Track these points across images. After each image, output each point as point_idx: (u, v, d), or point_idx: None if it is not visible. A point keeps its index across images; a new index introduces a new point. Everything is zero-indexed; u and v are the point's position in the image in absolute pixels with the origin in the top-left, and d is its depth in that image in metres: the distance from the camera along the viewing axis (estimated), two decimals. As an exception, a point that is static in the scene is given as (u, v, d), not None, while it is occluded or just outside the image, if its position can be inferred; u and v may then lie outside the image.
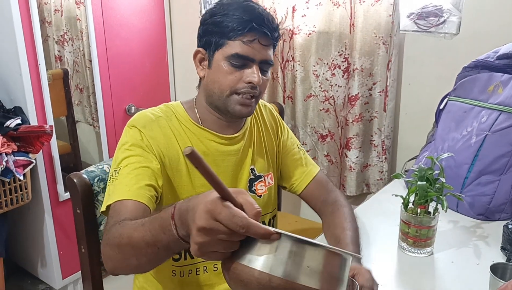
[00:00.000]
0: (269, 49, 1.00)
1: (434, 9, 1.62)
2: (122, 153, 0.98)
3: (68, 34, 2.26)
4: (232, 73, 0.98)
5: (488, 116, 1.27)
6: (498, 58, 1.32)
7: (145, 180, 0.93)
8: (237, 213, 0.57)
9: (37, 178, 1.94)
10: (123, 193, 0.91)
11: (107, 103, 2.17)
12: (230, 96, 0.99)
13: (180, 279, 1.08)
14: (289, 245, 0.57)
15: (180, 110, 1.07)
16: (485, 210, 1.25)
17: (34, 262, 2.19)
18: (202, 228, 0.57)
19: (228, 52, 0.97)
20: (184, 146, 1.02)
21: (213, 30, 0.98)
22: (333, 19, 1.76)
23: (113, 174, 0.96)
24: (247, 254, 0.58)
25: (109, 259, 0.82)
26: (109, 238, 0.81)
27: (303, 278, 0.56)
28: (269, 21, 0.98)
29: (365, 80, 1.75)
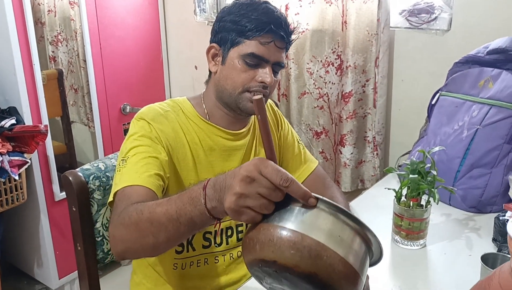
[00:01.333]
0: (283, 51, 1.03)
1: (426, 6, 1.64)
2: (130, 143, 0.98)
3: (62, 34, 2.27)
4: (246, 71, 1.00)
5: (479, 111, 1.29)
6: (488, 53, 1.33)
7: (154, 169, 0.93)
8: (282, 169, 0.59)
9: (32, 178, 1.95)
10: (133, 179, 0.90)
11: (102, 103, 2.17)
12: (242, 94, 1.01)
13: (181, 271, 1.10)
14: (324, 211, 0.58)
15: (187, 106, 1.08)
16: (477, 202, 1.26)
17: (30, 263, 2.19)
18: (247, 176, 0.59)
19: (244, 50, 0.99)
20: (191, 140, 1.04)
21: (231, 28, 1.00)
22: (326, 17, 1.78)
23: (121, 163, 0.95)
24: (280, 217, 0.59)
25: (121, 240, 0.80)
26: (124, 217, 0.80)
27: (334, 245, 0.56)
28: (286, 25, 1.01)
29: (358, 77, 1.77)
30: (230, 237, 1.13)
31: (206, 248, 1.10)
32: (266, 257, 0.57)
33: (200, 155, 1.05)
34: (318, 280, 0.55)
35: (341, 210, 0.59)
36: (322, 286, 0.56)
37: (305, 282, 0.56)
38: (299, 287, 0.58)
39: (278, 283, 0.60)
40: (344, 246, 0.57)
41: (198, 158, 1.05)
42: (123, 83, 2.24)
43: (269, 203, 0.60)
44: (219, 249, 1.11)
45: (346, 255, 0.57)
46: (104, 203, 1.18)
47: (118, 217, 0.82)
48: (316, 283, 0.56)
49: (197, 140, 1.05)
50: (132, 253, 0.81)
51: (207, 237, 1.10)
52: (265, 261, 0.58)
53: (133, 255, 0.83)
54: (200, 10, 2.23)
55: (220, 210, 0.65)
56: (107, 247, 1.21)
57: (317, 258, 0.55)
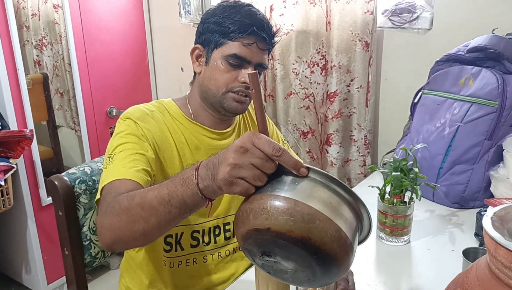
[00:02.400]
0: (265, 53, 1.05)
1: (407, 5, 1.66)
2: (116, 141, 0.98)
3: (46, 38, 2.25)
4: (229, 72, 1.02)
5: (460, 108, 1.31)
6: (468, 52, 1.36)
7: (141, 165, 0.94)
8: (274, 141, 0.61)
9: (18, 184, 1.93)
10: (121, 173, 0.90)
11: (88, 107, 2.16)
12: (226, 94, 1.03)
13: (170, 270, 1.10)
14: (316, 181, 0.59)
15: (172, 106, 1.10)
16: (459, 198, 1.29)
17: (18, 269, 2.17)
18: (240, 147, 0.61)
19: (227, 51, 1.01)
20: (177, 139, 1.06)
21: (214, 29, 1.03)
22: (310, 18, 1.79)
23: (107, 161, 0.95)
24: (273, 187, 0.60)
25: (110, 228, 0.79)
26: (114, 206, 0.80)
27: (326, 211, 0.57)
28: (269, 27, 1.04)
29: (343, 76, 1.79)
30: (218, 236, 1.14)
31: (194, 247, 1.11)
32: (260, 225, 0.58)
33: (186, 154, 1.07)
34: (312, 244, 0.56)
35: (333, 179, 0.60)
36: (315, 251, 0.57)
37: (299, 247, 0.57)
38: (292, 257, 0.59)
39: (271, 256, 0.61)
40: (336, 213, 0.58)
41: (184, 157, 1.07)
42: (109, 86, 2.23)
43: (262, 174, 0.61)
44: (208, 248, 1.12)
45: (338, 221, 0.58)
46: (90, 207, 1.18)
47: (107, 207, 0.81)
48: (310, 248, 0.56)
49: (183, 139, 1.07)
50: (122, 242, 0.80)
51: (195, 236, 1.11)
52: (259, 230, 0.58)
53: (123, 244, 0.82)
54: (185, 12, 2.24)
55: (212, 188, 0.66)
56: (94, 251, 1.21)
57: (310, 222, 0.56)
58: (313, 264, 0.58)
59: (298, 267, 0.60)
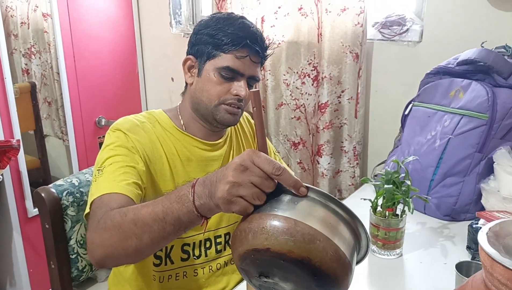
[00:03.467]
0: (258, 66, 1.05)
1: (397, 18, 1.68)
2: (106, 153, 0.96)
3: (35, 46, 2.23)
4: (221, 84, 1.02)
5: (451, 120, 1.32)
6: (458, 64, 1.37)
7: (132, 178, 0.92)
8: (273, 159, 0.61)
9: (4, 194, 1.89)
10: (111, 187, 0.88)
11: (77, 116, 2.14)
12: (218, 106, 1.03)
13: (159, 284, 1.08)
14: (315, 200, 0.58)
15: (163, 117, 1.09)
16: (451, 211, 1.29)
17: (3, 281, 2.12)
18: (240, 165, 0.60)
19: (220, 64, 1.01)
20: (168, 151, 1.04)
21: (207, 41, 1.02)
22: (302, 29, 1.80)
23: (97, 174, 0.94)
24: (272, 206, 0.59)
25: (101, 245, 0.77)
26: (105, 221, 0.77)
27: (326, 231, 0.56)
28: (262, 40, 1.04)
29: (333, 88, 1.79)
30: (209, 249, 1.12)
31: (184, 261, 1.09)
32: (259, 245, 0.57)
33: (177, 165, 1.06)
34: (312, 264, 0.56)
35: (332, 198, 0.59)
36: (315, 271, 0.56)
37: (299, 267, 0.56)
38: (291, 277, 0.58)
39: (270, 277, 0.60)
40: (335, 233, 0.58)
41: (175, 168, 1.05)
42: (98, 96, 2.21)
43: (261, 192, 0.60)
44: (198, 261, 1.11)
45: (337, 241, 0.57)
46: (78, 219, 1.16)
47: (98, 222, 0.79)
48: (310, 269, 0.56)
49: (174, 150, 1.06)
50: (113, 258, 0.78)
51: (186, 249, 1.09)
52: (258, 250, 0.57)
53: (114, 260, 0.80)
54: (176, 22, 2.23)
55: (209, 206, 0.65)
56: (81, 264, 1.19)
57: (310, 242, 0.55)
58: (312, 285, 0.57)
59: (296, 288, 0.59)
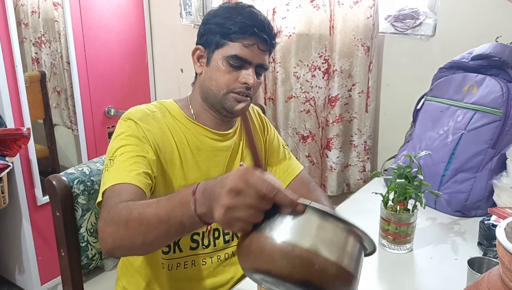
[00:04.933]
0: (266, 54, 1.05)
1: (411, 11, 1.66)
2: (117, 143, 0.98)
3: (45, 36, 2.23)
4: (230, 73, 1.02)
5: (464, 115, 1.30)
6: (473, 59, 1.35)
7: (142, 168, 0.93)
8: (269, 178, 0.60)
9: (14, 182, 1.90)
10: (122, 177, 0.90)
11: (86, 106, 2.14)
12: (227, 94, 1.03)
13: (168, 272, 1.09)
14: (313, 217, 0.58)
15: (173, 107, 1.09)
16: (462, 207, 1.28)
17: (12, 268, 2.14)
18: (234, 188, 0.60)
19: (228, 52, 1.01)
20: (178, 140, 1.05)
21: (216, 30, 1.02)
22: (313, 21, 1.78)
23: (108, 163, 0.95)
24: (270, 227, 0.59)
25: (110, 236, 0.80)
26: (113, 215, 0.80)
27: (325, 250, 0.57)
28: (270, 29, 1.03)
29: (344, 81, 1.78)
30: (217, 239, 1.12)
31: (193, 250, 1.10)
32: (260, 267, 0.58)
33: (187, 154, 1.06)
34: (314, 285, 0.57)
35: (329, 214, 0.59)
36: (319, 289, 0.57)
37: (303, 287, 0.57)
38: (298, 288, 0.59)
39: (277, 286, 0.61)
40: (336, 249, 0.58)
41: (185, 158, 1.06)
42: (107, 85, 2.21)
43: (258, 213, 0.60)
44: (207, 251, 1.11)
45: (338, 258, 0.58)
46: (88, 208, 1.16)
47: (108, 213, 0.82)
48: (314, 288, 0.57)
49: (184, 140, 1.06)
50: (122, 250, 0.81)
51: (195, 238, 1.10)
52: (259, 271, 0.59)
53: (123, 252, 0.84)
54: (186, 13, 2.22)
55: (210, 216, 0.65)
56: (91, 252, 1.19)
57: (309, 266, 0.56)
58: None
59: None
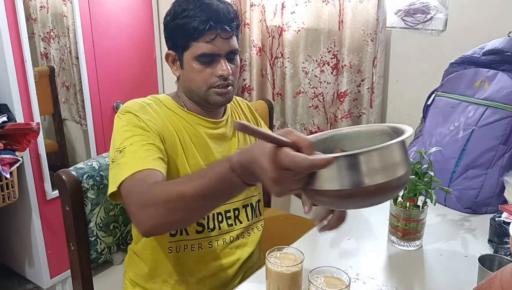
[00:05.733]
0: (231, 40, 1.05)
1: (421, 6, 1.64)
2: (122, 135, 0.99)
3: (54, 31, 2.23)
4: (203, 71, 1.04)
5: (475, 111, 1.29)
6: (484, 54, 1.34)
7: (156, 154, 0.96)
8: (297, 157, 0.61)
9: (24, 177, 1.92)
10: (141, 164, 0.91)
11: (95, 101, 2.15)
12: (208, 91, 1.06)
13: (176, 255, 1.10)
14: (346, 161, 0.64)
15: (166, 99, 1.12)
16: (472, 203, 1.26)
17: (21, 262, 2.16)
18: (274, 178, 0.64)
19: (195, 52, 1.03)
20: (177, 128, 1.08)
21: (176, 34, 1.05)
22: (322, 16, 1.77)
23: (117, 155, 0.96)
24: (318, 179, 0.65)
25: (150, 218, 0.82)
26: (148, 197, 0.83)
27: (368, 180, 0.63)
28: (225, 14, 1.03)
29: (353, 76, 1.77)
30: (221, 223, 1.14)
31: (199, 233, 1.11)
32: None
33: (186, 141, 1.09)
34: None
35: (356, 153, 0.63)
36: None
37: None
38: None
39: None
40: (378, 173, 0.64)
41: (185, 144, 1.08)
42: (116, 80, 2.21)
43: (303, 178, 0.64)
44: (213, 234, 1.12)
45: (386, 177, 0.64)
46: (98, 202, 1.17)
47: (140, 198, 0.85)
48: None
49: (182, 127, 1.09)
50: (162, 228, 0.86)
51: (200, 222, 1.11)
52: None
53: (163, 230, 0.90)
54: (194, 8, 2.21)
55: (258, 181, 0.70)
56: (100, 247, 1.20)
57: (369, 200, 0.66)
58: None
59: None
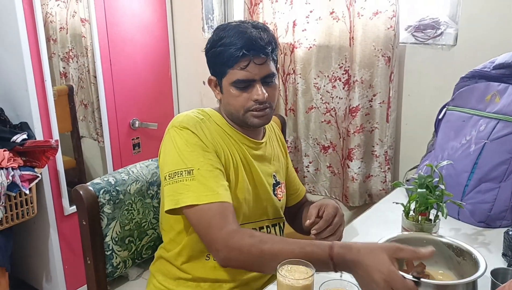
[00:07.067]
0: (266, 64, 1.08)
1: (431, 21, 1.66)
2: (188, 155, 1.04)
3: (73, 51, 2.30)
4: (240, 95, 1.09)
5: (486, 125, 1.29)
6: (495, 68, 1.34)
7: (224, 181, 1.05)
8: (409, 285, 0.78)
9: (42, 193, 1.96)
10: (217, 195, 1.01)
11: (112, 118, 2.20)
12: (246, 114, 1.11)
13: (213, 262, 1.12)
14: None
15: (214, 114, 1.16)
16: (485, 217, 1.26)
17: (39, 277, 2.19)
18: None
19: (231, 79, 1.08)
20: (228, 146, 1.12)
21: (214, 61, 1.11)
22: (333, 33, 1.80)
23: (186, 176, 1.02)
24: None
25: (235, 260, 0.97)
26: (240, 243, 0.95)
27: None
28: (258, 41, 1.05)
29: (365, 91, 1.78)
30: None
31: None
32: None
33: (237, 159, 1.13)
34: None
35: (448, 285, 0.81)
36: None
37: None
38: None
39: None
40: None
41: (236, 163, 1.12)
42: (132, 98, 2.27)
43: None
44: None
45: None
46: (114, 217, 1.20)
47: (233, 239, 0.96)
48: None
49: (231, 145, 1.13)
50: (238, 266, 1.02)
51: None
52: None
53: (238, 267, 1.03)
54: (208, 27, 2.27)
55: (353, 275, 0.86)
56: (116, 261, 1.22)
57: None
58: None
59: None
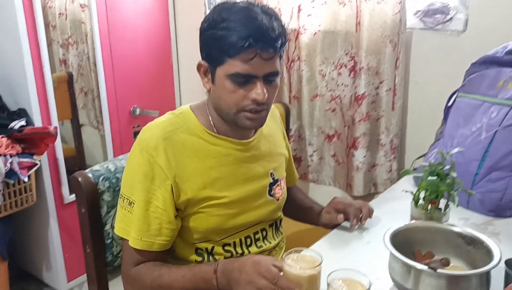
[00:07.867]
0: (272, 61, 0.92)
1: (441, 6, 1.61)
2: (134, 183, 0.98)
3: (72, 37, 2.26)
4: (236, 91, 0.93)
5: (498, 112, 1.25)
6: (507, 54, 1.30)
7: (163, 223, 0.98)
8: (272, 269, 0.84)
9: (41, 180, 1.94)
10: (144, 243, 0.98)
11: (112, 106, 2.16)
12: (238, 114, 0.96)
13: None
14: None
15: (191, 119, 1.02)
16: (496, 206, 1.22)
17: (39, 266, 2.18)
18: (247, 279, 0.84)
19: (229, 70, 0.91)
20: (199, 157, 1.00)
21: (212, 45, 0.92)
22: (339, 18, 1.75)
23: (125, 203, 1.00)
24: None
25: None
26: (139, 277, 0.97)
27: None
28: (269, 32, 0.89)
29: (371, 79, 1.74)
30: (250, 246, 1.10)
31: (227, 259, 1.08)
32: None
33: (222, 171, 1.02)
34: None
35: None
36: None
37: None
38: None
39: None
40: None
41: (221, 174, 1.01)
42: (133, 85, 2.23)
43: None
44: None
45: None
46: (113, 205, 1.17)
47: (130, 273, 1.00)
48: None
49: (213, 156, 1.01)
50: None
51: (227, 249, 1.07)
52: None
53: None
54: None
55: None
56: (116, 249, 1.20)
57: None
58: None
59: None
